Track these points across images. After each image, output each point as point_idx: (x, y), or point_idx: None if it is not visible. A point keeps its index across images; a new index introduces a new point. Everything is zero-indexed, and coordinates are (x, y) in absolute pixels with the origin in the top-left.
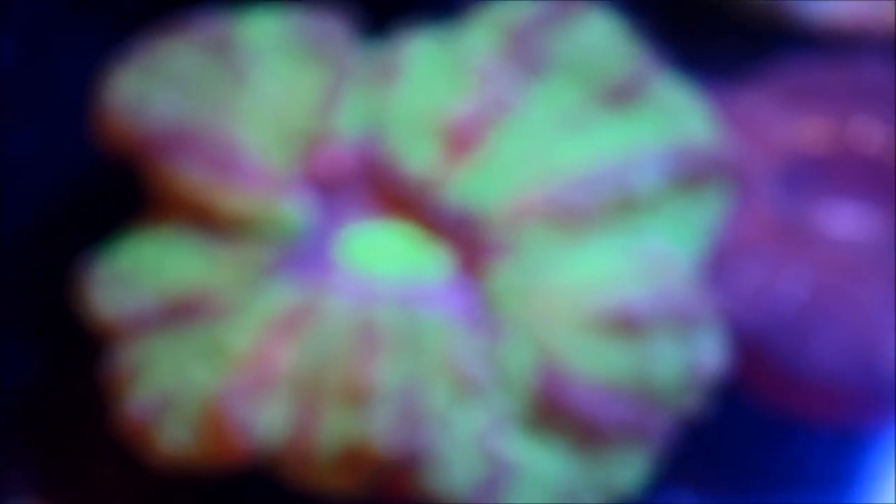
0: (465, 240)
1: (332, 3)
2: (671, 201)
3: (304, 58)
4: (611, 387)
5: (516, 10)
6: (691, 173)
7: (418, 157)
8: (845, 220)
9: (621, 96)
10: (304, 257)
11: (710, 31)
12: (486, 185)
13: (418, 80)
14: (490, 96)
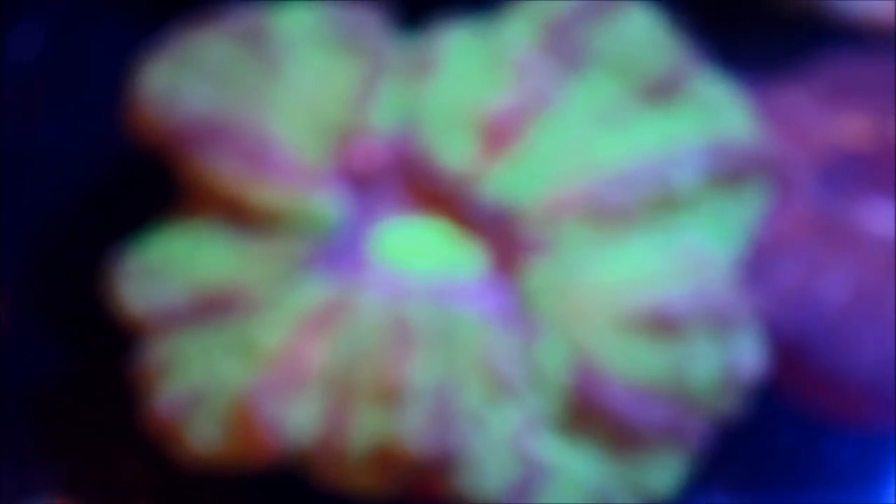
0: (501, 236)
1: None
2: (710, 199)
3: (338, 50)
4: (646, 387)
5: (555, 3)
6: (731, 170)
7: (454, 151)
8: (886, 219)
9: (661, 92)
10: (337, 252)
11: (750, 27)
12: (522, 180)
13: (455, 73)
14: (528, 90)
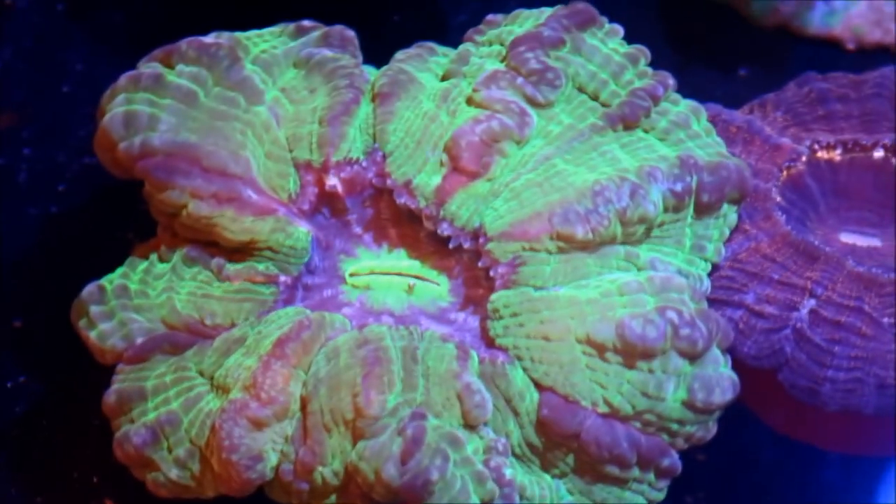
0: (468, 264)
1: (338, 26)
2: (679, 222)
3: (309, 78)
4: (616, 413)
5: (521, 30)
6: (701, 193)
7: (422, 180)
8: (859, 237)
9: (627, 117)
10: (307, 281)
11: (723, 45)
12: (489, 208)
13: (423, 102)
14: (493, 119)
